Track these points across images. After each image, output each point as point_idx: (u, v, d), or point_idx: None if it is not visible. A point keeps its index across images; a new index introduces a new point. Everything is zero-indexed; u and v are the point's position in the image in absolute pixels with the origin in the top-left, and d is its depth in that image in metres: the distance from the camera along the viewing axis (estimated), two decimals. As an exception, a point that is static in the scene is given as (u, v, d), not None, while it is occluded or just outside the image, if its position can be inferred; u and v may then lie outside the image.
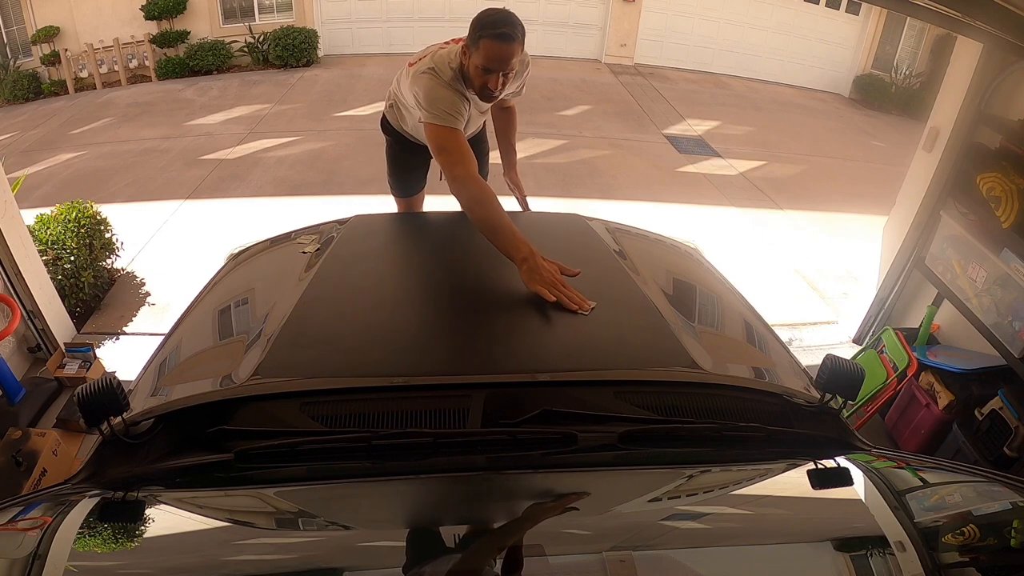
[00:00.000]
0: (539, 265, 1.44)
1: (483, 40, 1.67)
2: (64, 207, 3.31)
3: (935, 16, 2.14)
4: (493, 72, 1.71)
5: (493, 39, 1.66)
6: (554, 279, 1.42)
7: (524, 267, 1.45)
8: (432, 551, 0.93)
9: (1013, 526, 1.06)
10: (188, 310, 1.69)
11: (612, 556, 0.91)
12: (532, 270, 1.44)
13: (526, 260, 1.46)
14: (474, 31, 1.70)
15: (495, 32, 1.66)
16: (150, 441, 1.19)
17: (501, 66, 1.70)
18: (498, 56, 1.68)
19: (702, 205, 5.10)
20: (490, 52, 1.67)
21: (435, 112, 1.74)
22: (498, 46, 1.67)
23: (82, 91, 8.22)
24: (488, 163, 2.52)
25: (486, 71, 1.71)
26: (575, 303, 1.38)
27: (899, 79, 9.25)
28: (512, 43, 1.67)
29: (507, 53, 1.68)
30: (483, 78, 1.73)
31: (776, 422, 1.26)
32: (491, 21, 1.67)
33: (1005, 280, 2.37)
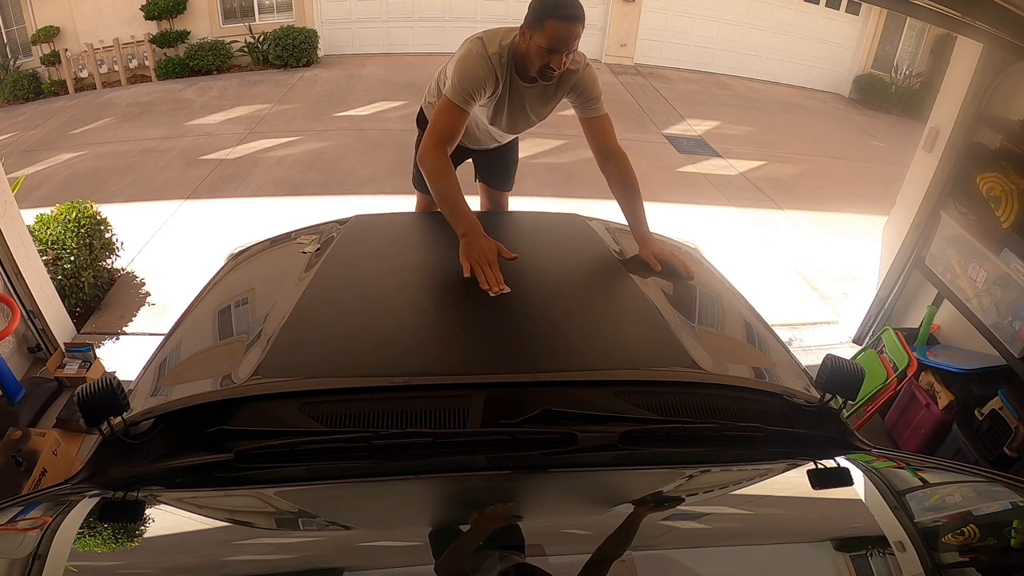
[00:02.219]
0: (474, 241, 1.54)
1: (548, 21, 1.67)
2: (64, 207, 3.31)
3: (935, 16, 2.14)
4: (557, 52, 1.70)
5: (559, 19, 1.66)
6: (483, 257, 1.50)
7: (463, 241, 1.56)
8: (432, 551, 0.93)
9: (1013, 526, 1.06)
10: (188, 310, 1.69)
11: (612, 556, 0.91)
12: (467, 244, 1.54)
13: (465, 235, 1.56)
14: (537, 12, 1.69)
15: (563, 13, 1.66)
16: (150, 441, 1.19)
17: (565, 46, 1.69)
18: (564, 36, 1.67)
19: (702, 205, 5.10)
20: (556, 32, 1.67)
21: (453, 84, 1.75)
22: (565, 26, 1.66)
23: (82, 91, 8.22)
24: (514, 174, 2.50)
25: (550, 51, 1.70)
26: (488, 282, 1.46)
27: (899, 79, 9.25)
28: (577, 23, 1.68)
29: (573, 32, 1.68)
30: (547, 58, 1.71)
31: (776, 422, 1.26)
32: (556, 2, 1.67)
33: (1005, 280, 2.37)
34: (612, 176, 1.91)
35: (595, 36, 9.66)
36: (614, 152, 1.91)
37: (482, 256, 1.51)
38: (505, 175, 2.47)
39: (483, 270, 1.48)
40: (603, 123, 1.92)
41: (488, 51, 1.78)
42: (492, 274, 1.48)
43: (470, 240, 1.55)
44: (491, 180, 2.47)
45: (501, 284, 1.46)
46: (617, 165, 1.90)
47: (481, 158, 2.35)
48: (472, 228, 1.58)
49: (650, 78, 9.11)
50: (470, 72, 1.75)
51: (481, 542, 0.95)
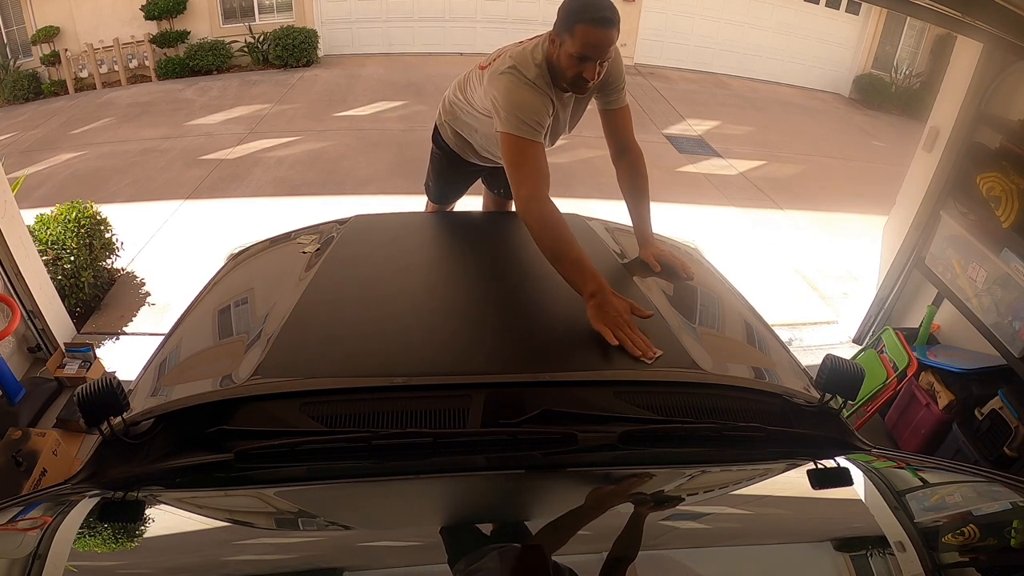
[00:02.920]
0: (607, 302, 1.34)
1: (579, 26, 1.51)
2: (64, 207, 3.31)
3: (935, 16, 2.14)
4: (591, 60, 1.54)
5: (591, 24, 1.50)
6: (619, 320, 1.32)
7: (591, 303, 1.35)
8: (432, 551, 0.93)
9: (1013, 526, 1.06)
10: (188, 310, 1.69)
11: (612, 556, 0.91)
12: (599, 307, 1.34)
13: (594, 296, 1.36)
14: (568, 16, 1.54)
15: (594, 16, 1.50)
16: (150, 441, 1.19)
17: (599, 53, 1.53)
18: (597, 43, 1.52)
19: (702, 205, 5.10)
20: (588, 38, 1.51)
21: (512, 120, 1.56)
22: (596, 31, 1.51)
23: (82, 91, 8.22)
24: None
25: (582, 59, 1.54)
26: (639, 349, 1.27)
27: (899, 79, 9.25)
28: (612, 28, 1.52)
29: (606, 39, 1.52)
30: (578, 67, 1.56)
31: (776, 422, 1.26)
32: (589, 4, 1.52)
33: (1005, 280, 2.37)
34: (624, 172, 1.84)
35: (595, 36, 9.65)
36: (631, 147, 1.83)
37: (620, 319, 1.32)
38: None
39: (628, 336, 1.29)
40: (624, 115, 1.82)
41: (528, 76, 1.61)
42: (639, 339, 1.29)
43: (601, 302, 1.34)
44: (502, 190, 2.40)
45: (652, 348, 1.28)
46: (631, 161, 1.82)
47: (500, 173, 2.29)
48: (601, 288, 1.36)
49: (650, 78, 9.12)
50: (528, 103, 1.58)
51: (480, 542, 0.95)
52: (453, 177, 2.30)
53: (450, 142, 2.14)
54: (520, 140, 1.57)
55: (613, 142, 1.84)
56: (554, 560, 0.88)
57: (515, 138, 1.57)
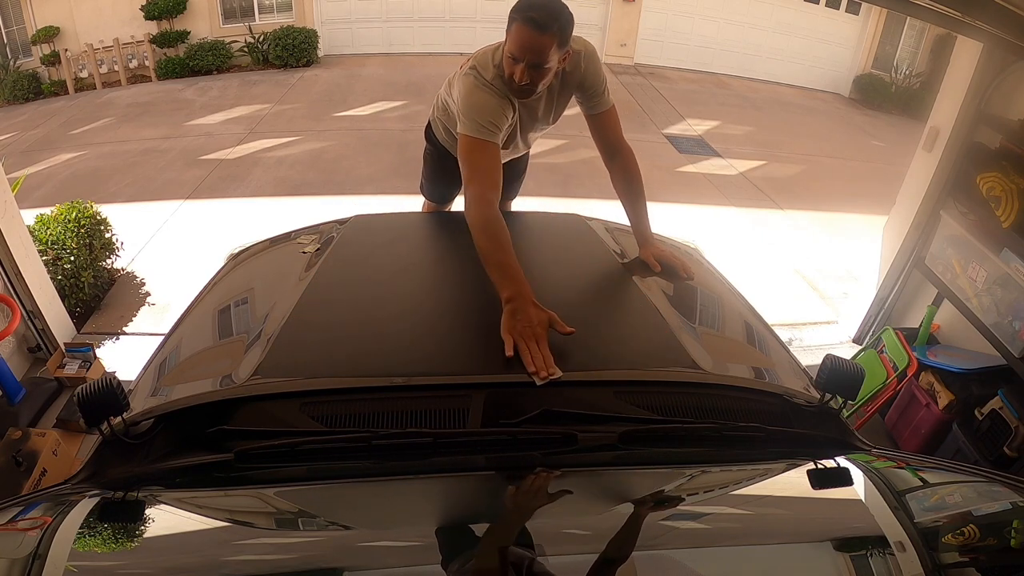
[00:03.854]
0: (519, 310, 1.27)
1: (513, 24, 1.48)
2: (64, 207, 3.31)
3: (935, 16, 2.14)
4: (519, 62, 1.50)
5: (522, 23, 1.46)
6: (529, 331, 1.23)
7: (506, 308, 1.29)
8: (432, 551, 0.93)
9: (1013, 526, 1.06)
10: (188, 310, 1.69)
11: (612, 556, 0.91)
12: (511, 314, 1.27)
13: (510, 302, 1.29)
14: (510, 13, 1.50)
15: (524, 16, 1.46)
16: (150, 441, 1.19)
17: (528, 56, 1.49)
18: (524, 44, 1.47)
19: (702, 205, 5.10)
20: (517, 38, 1.48)
21: (467, 122, 1.57)
22: (525, 32, 1.46)
23: (82, 91, 8.22)
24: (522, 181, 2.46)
25: (513, 60, 1.51)
26: (534, 364, 1.18)
27: (899, 79, 9.25)
28: (542, 32, 1.45)
29: (536, 43, 1.46)
30: (511, 67, 1.53)
31: (776, 422, 1.26)
32: (525, 3, 1.48)
33: (1005, 280, 2.37)
34: (617, 173, 1.81)
35: (595, 36, 9.66)
36: (621, 148, 1.80)
37: (528, 330, 1.23)
38: (514, 185, 2.42)
39: (528, 347, 1.20)
40: (609, 117, 1.79)
41: (486, 78, 1.59)
42: (539, 354, 1.19)
43: (516, 308, 1.27)
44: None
45: (551, 367, 1.17)
46: (623, 163, 1.80)
47: None
48: (520, 294, 1.29)
49: (650, 78, 9.12)
50: (484, 104, 1.57)
51: (480, 542, 0.95)
52: (446, 174, 2.31)
53: (442, 139, 2.15)
54: (473, 140, 1.57)
55: (602, 145, 1.83)
56: (554, 560, 0.88)
57: (469, 138, 1.57)
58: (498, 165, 1.58)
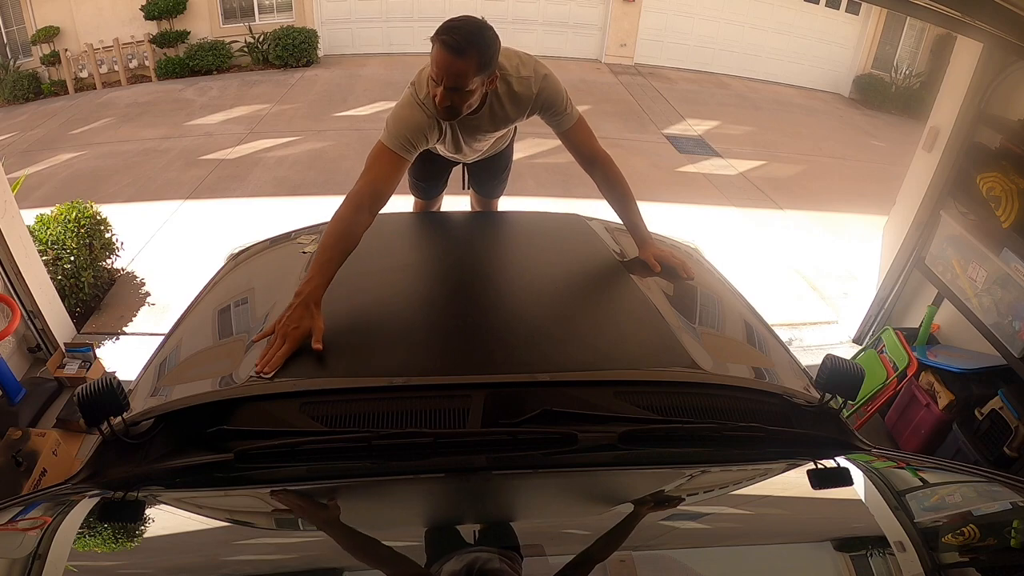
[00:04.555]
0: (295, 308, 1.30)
1: (434, 46, 1.45)
2: (64, 207, 3.31)
3: (935, 16, 2.14)
4: (439, 84, 1.48)
5: (438, 45, 1.44)
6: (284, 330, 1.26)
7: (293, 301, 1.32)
8: (432, 551, 0.93)
9: (1013, 526, 1.06)
10: (188, 310, 1.69)
11: (612, 556, 0.91)
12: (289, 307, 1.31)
13: (296, 296, 1.33)
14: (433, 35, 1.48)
15: (441, 38, 1.43)
16: (150, 441, 1.19)
17: (446, 79, 1.46)
18: (441, 66, 1.44)
19: (702, 205, 5.10)
20: (435, 60, 1.46)
21: (389, 131, 1.59)
22: (442, 55, 1.43)
23: (82, 91, 8.22)
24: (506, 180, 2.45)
25: (434, 82, 1.49)
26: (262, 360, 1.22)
27: (899, 79, 9.25)
28: (456, 56, 1.42)
29: (452, 66, 1.43)
30: (432, 89, 1.51)
31: (776, 422, 1.26)
32: (446, 25, 1.45)
33: (1005, 280, 2.36)
34: (600, 181, 1.81)
35: (595, 36, 9.67)
36: (598, 157, 1.79)
37: (284, 329, 1.26)
38: (495, 182, 2.40)
39: (273, 344, 1.24)
40: (578, 131, 1.77)
41: (419, 96, 1.59)
42: (273, 353, 1.22)
43: (294, 304, 1.31)
44: (480, 188, 2.43)
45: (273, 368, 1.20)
46: (603, 170, 1.79)
47: (469, 168, 2.29)
48: (308, 294, 1.32)
49: (650, 78, 9.11)
50: (406, 119, 1.59)
51: (480, 542, 0.95)
52: (431, 172, 2.31)
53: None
54: (385, 149, 1.58)
55: (579, 158, 1.82)
56: (554, 560, 0.88)
57: (382, 146, 1.59)
58: (393, 179, 1.59)
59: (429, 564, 0.88)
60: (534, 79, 1.67)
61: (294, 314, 1.29)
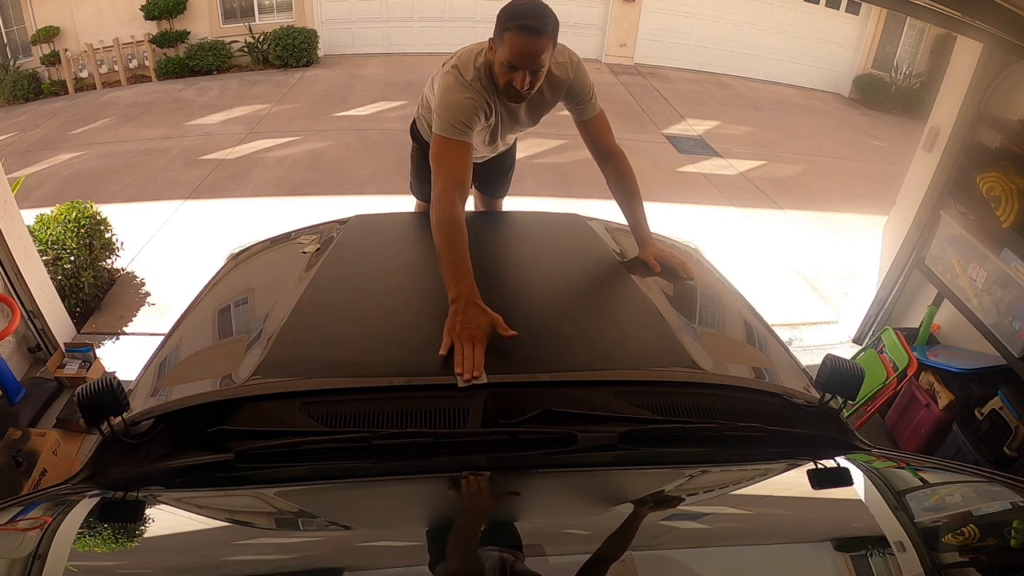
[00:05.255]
0: (462, 311, 1.29)
1: (507, 33, 1.49)
2: (64, 207, 3.31)
3: (935, 16, 2.14)
4: (519, 69, 1.52)
5: (519, 31, 1.47)
6: (467, 332, 1.25)
7: (451, 309, 1.31)
8: (432, 551, 0.93)
9: (1013, 526, 1.06)
10: (188, 310, 1.69)
11: (612, 556, 0.91)
12: (455, 313, 1.29)
13: (455, 302, 1.32)
14: (499, 23, 1.51)
15: (520, 24, 1.47)
16: (150, 441, 1.19)
17: (527, 63, 1.51)
18: (523, 51, 1.49)
19: (702, 205, 5.10)
20: (515, 46, 1.49)
21: (441, 121, 1.58)
22: (524, 39, 1.47)
23: (82, 91, 8.22)
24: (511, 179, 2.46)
25: (511, 68, 1.52)
26: (463, 365, 1.20)
27: (899, 79, 9.25)
28: (540, 37, 1.47)
29: (534, 48, 1.48)
30: (508, 75, 1.54)
31: (776, 422, 1.26)
32: (518, 12, 1.49)
33: (1005, 280, 2.37)
34: (611, 177, 1.83)
35: (595, 36, 9.67)
36: (612, 152, 1.82)
37: (466, 331, 1.25)
38: (501, 182, 2.43)
39: (463, 348, 1.22)
40: (599, 123, 1.81)
41: (466, 78, 1.61)
42: (471, 356, 1.20)
43: (458, 309, 1.29)
44: (486, 188, 2.44)
45: (478, 371, 1.18)
46: (616, 165, 1.82)
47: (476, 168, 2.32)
48: (464, 296, 1.31)
49: (650, 78, 9.11)
50: (458, 103, 1.58)
51: (480, 542, 0.95)
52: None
53: (426, 135, 2.15)
54: (445, 140, 1.57)
55: (594, 150, 1.84)
56: (554, 560, 0.88)
57: (440, 138, 1.58)
58: (466, 165, 1.59)
59: (431, 564, 0.88)
60: (570, 64, 1.72)
61: (466, 317, 1.27)
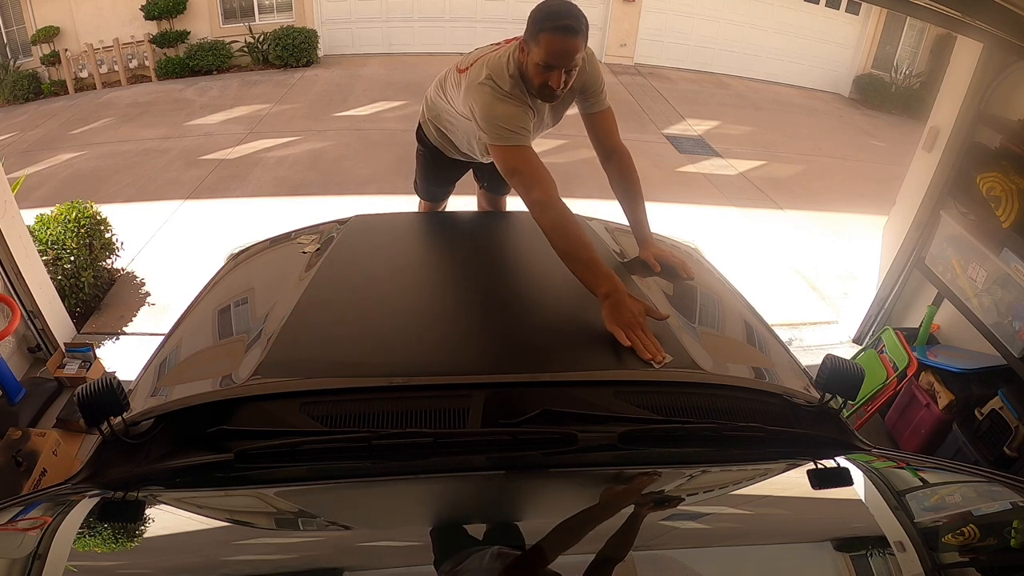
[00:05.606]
0: (621, 303, 1.34)
1: (543, 34, 1.51)
2: (64, 207, 3.31)
3: (935, 16, 2.14)
4: (555, 69, 1.55)
5: (554, 32, 1.50)
6: (634, 321, 1.32)
7: (606, 303, 1.36)
8: (432, 551, 0.93)
9: (1013, 526, 1.06)
10: (188, 310, 1.69)
11: (612, 556, 0.91)
12: (613, 307, 1.34)
13: (608, 296, 1.36)
14: (533, 25, 1.54)
15: (557, 24, 1.50)
16: (150, 441, 1.19)
17: (563, 62, 1.54)
18: (560, 51, 1.52)
19: (702, 205, 5.10)
20: (551, 47, 1.51)
21: (498, 133, 1.59)
22: (560, 40, 1.51)
23: (82, 91, 8.22)
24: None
25: (547, 68, 1.55)
26: (650, 352, 1.27)
27: (899, 79, 9.25)
28: (576, 36, 1.51)
29: (570, 47, 1.52)
30: (544, 76, 1.57)
31: (776, 422, 1.26)
32: (552, 13, 1.52)
33: (1005, 280, 2.37)
34: (614, 174, 1.83)
35: (595, 36, 9.66)
36: (617, 149, 1.82)
37: (634, 320, 1.32)
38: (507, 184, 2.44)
39: (639, 338, 1.29)
40: (606, 118, 1.82)
41: (504, 88, 1.62)
42: (650, 342, 1.28)
43: (616, 302, 1.34)
44: (492, 185, 2.45)
45: (662, 352, 1.27)
46: (620, 163, 1.82)
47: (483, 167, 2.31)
48: (616, 288, 1.36)
49: (650, 78, 9.12)
50: (508, 115, 1.60)
51: (480, 542, 0.95)
52: (439, 173, 2.32)
53: (433, 139, 2.17)
54: (510, 149, 1.59)
55: (599, 146, 1.84)
56: (554, 560, 0.88)
57: (504, 148, 1.59)
58: (541, 163, 1.60)
59: (436, 564, 0.88)
60: (586, 58, 1.70)
61: (625, 308, 1.34)
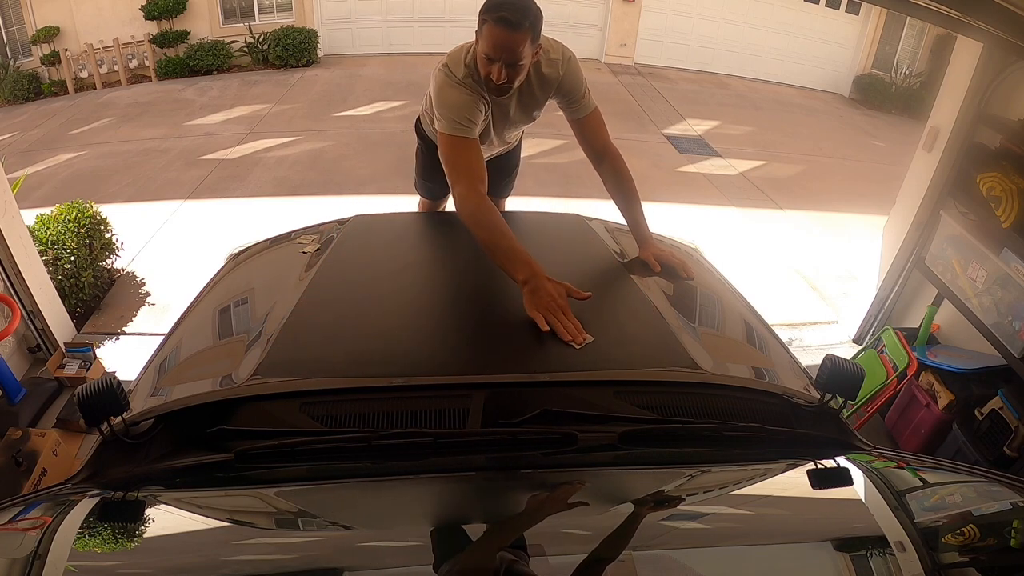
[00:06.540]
0: (539, 287, 1.34)
1: (485, 25, 1.51)
2: (64, 207, 3.31)
3: (935, 16, 2.14)
4: (495, 62, 1.53)
5: (495, 24, 1.48)
6: (554, 304, 1.32)
7: (525, 290, 1.36)
8: (432, 551, 0.93)
9: (1013, 526, 1.06)
10: (188, 310, 1.69)
11: (612, 556, 0.91)
12: (532, 292, 1.35)
13: (526, 283, 1.36)
14: (480, 15, 1.53)
15: (497, 16, 1.48)
16: (150, 441, 1.19)
17: (502, 55, 1.52)
18: (498, 44, 1.50)
19: (702, 205, 5.10)
20: (490, 39, 1.50)
21: (443, 119, 1.60)
22: (499, 32, 1.48)
23: (82, 91, 8.22)
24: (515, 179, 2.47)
25: (488, 60, 1.54)
26: (569, 334, 1.28)
27: (899, 79, 9.25)
28: (515, 30, 1.48)
29: (508, 41, 1.49)
30: (487, 68, 1.56)
31: (776, 422, 1.26)
32: (495, 3, 1.50)
33: (1005, 280, 2.37)
34: (607, 176, 1.81)
35: (595, 36, 9.67)
36: (607, 151, 1.80)
37: (552, 303, 1.31)
38: (506, 182, 2.42)
39: (558, 320, 1.29)
40: (593, 121, 1.79)
41: (457, 76, 1.62)
42: (569, 324, 1.29)
43: (534, 287, 1.35)
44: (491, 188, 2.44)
45: (583, 333, 1.28)
46: (612, 165, 1.80)
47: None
48: (534, 274, 1.37)
49: (650, 78, 9.11)
50: (455, 100, 1.60)
51: (480, 542, 0.95)
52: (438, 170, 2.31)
53: (430, 133, 2.16)
54: (452, 138, 1.60)
55: (588, 149, 1.83)
56: (553, 560, 0.87)
57: (447, 136, 1.60)
58: (479, 158, 1.61)
59: (432, 565, 0.88)
60: (561, 61, 1.72)
61: (543, 292, 1.34)
